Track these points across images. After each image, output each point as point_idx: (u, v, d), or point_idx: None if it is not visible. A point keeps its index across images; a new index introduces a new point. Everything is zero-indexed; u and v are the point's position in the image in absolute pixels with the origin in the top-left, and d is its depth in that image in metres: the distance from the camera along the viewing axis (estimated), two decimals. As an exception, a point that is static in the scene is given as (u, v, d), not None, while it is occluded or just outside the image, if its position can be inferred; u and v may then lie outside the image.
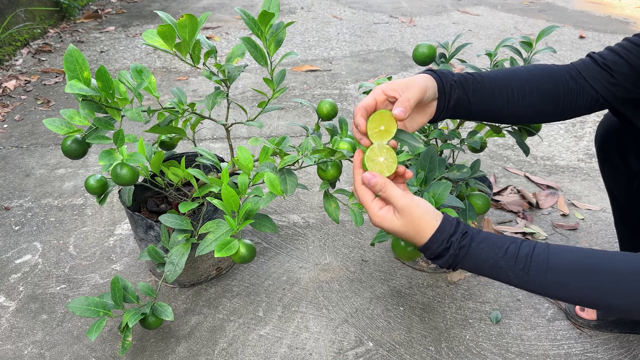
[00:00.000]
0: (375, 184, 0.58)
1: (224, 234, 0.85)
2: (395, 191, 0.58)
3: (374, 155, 0.60)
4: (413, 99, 0.60)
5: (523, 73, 0.71)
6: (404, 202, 0.57)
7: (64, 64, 0.78)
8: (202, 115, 0.99)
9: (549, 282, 0.54)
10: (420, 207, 0.58)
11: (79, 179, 1.57)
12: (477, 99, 0.69)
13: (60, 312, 1.09)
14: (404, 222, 0.58)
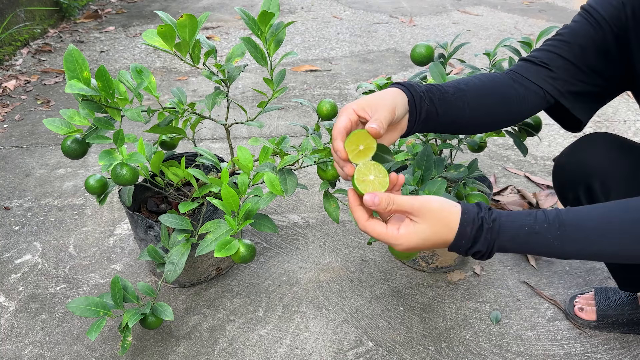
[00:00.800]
0: (379, 202, 0.54)
1: (223, 234, 0.85)
2: (403, 198, 0.55)
3: (362, 175, 0.57)
4: (386, 120, 0.58)
5: (475, 81, 0.73)
6: (418, 203, 0.55)
7: (64, 63, 0.78)
8: (202, 115, 0.99)
9: (587, 233, 0.53)
10: (434, 200, 0.55)
11: (79, 179, 1.57)
12: (444, 110, 0.68)
13: (60, 312, 1.09)
14: (429, 222, 0.54)
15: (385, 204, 0.54)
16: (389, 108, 0.59)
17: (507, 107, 0.74)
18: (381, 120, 0.57)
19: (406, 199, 0.55)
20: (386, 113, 0.58)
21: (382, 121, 0.57)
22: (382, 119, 0.57)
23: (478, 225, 0.54)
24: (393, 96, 0.62)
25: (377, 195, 0.54)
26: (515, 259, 1.24)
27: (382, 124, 0.57)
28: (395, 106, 0.60)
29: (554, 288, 1.15)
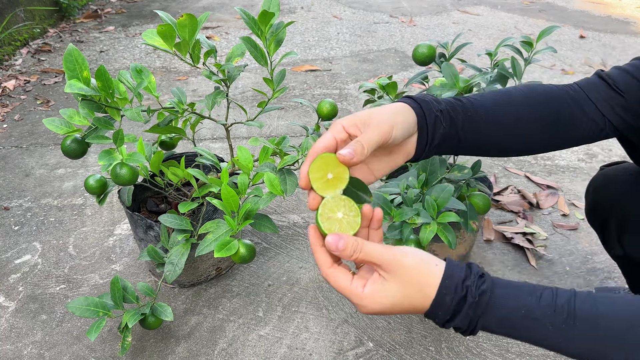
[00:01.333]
0: (344, 247, 0.43)
1: (223, 234, 0.84)
2: (373, 247, 0.44)
3: (329, 212, 0.46)
4: (370, 143, 0.46)
5: (517, 98, 0.59)
6: (389, 255, 0.44)
7: (64, 63, 0.78)
8: (202, 115, 0.99)
9: (601, 334, 0.41)
10: (409, 254, 0.45)
11: (79, 179, 1.57)
12: (468, 134, 0.56)
13: (59, 312, 1.09)
14: (401, 282, 0.44)
15: (351, 251, 0.44)
16: (381, 128, 0.48)
17: (554, 134, 0.60)
18: (362, 144, 0.45)
19: (376, 248, 0.44)
20: (374, 134, 0.47)
21: (364, 145, 0.46)
22: (365, 142, 0.46)
23: (461, 295, 0.43)
24: (394, 113, 0.50)
25: (342, 239, 0.44)
26: (515, 259, 1.24)
27: (359, 149, 0.45)
28: (391, 126, 0.49)
29: (554, 288, 1.14)
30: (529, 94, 0.60)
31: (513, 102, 0.58)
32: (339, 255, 0.45)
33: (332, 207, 0.46)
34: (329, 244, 0.44)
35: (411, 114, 0.52)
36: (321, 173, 0.46)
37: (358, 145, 0.45)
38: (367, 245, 0.45)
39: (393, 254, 0.44)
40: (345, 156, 0.44)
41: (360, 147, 0.45)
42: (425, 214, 0.84)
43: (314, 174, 0.46)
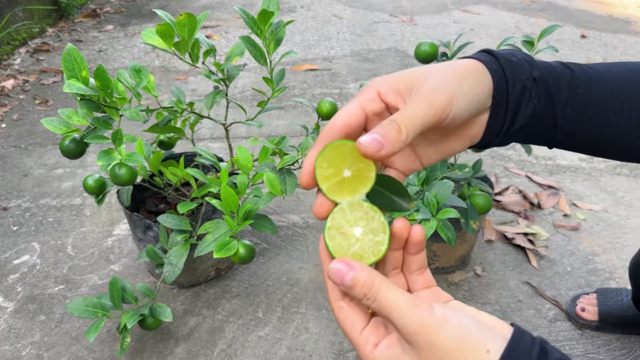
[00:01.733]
0: (353, 284, 0.30)
1: (223, 234, 0.84)
2: (395, 296, 0.30)
3: (341, 225, 0.32)
4: (413, 124, 0.30)
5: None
6: (417, 322, 0.29)
7: (62, 63, 0.77)
8: (201, 114, 0.98)
9: None
10: (449, 328, 0.29)
11: (77, 179, 1.56)
12: (572, 119, 0.38)
13: (58, 312, 1.09)
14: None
15: (361, 293, 0.30)
16: (434, 101, 0.31)
17: None
18: (398, 127, 0.30)
19: (398, 303, 0.29)
20: (422, 110, 0.31)
21: (402, 128, 0.30)
22: (405, 122, 0.30)
23: None
24: (457, 76, 0.33)
25: (351, 270, 0.30)
26: (516, 259, 1.23)
27: (393, 135, 0.30)
28: (451, 98, 0.32)
29: (555, 289, 1.14)
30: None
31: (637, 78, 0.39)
32: (343, 293, 0.32)
33: (348, 219, 0.32)
34: (331, 275, 0.31)
35: (485, 79, 0.34)
36: (334, 168, 0.32)
37: (392, 128, 0.30)
38: (386, 291, 0.30)
39: (423, 321, 0.29)
40: (368, 148, 0.29)
41: (396, 131, 0.29)
42: (425, 210, 0.83)
43: (324, 169, 0.32)
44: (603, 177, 1.56)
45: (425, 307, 0.29)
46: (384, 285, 0.30)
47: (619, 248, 1.27)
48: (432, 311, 0.29)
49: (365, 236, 0.32)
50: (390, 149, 0.30)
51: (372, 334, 0.32)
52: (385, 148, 0.29)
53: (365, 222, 0.32)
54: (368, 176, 0.32)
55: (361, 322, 0.32)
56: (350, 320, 0.32)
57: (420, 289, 0.36)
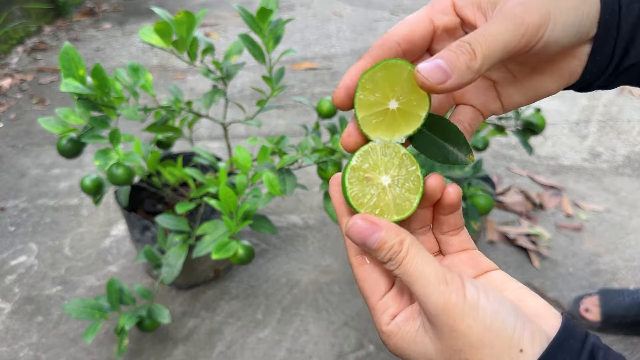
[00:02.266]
0: (378, 245, 0.26)
1: (221, 235, 0.83)
2: (424, 268, 0.25)
3: (367, 169, 0.27)
4: (494, 48, 0.24)
5: None
6: (442, 302, 0.25)
7: (60, 62, 0.76)
8: (200, 114, 0.97)
9: None
10: (480, 317, 0.24)
11: (75, 179, 1.55)
12: None
13: (56, 314, 1.08)
14: (445, 351, 0.26)
15: (386, 256, 0.26)
16: (522, 20, 0.25)
17: None
18: (472, 50, 0.24)
19: (427, 274, 0.25)
20: (505, 30, 0.25)
21: (476, 52, 0.24)
22: (483, 44, 0.24)
23: None
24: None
25: (377, 231, 0.26)
26: (518, 260, 1.22)
27: (464, 62, 0.24)
28: (547, 15, 0.25)
29: (557, 290, 1.13)
30: None
31: None
32: (362, 251, 0.28)
33: (377, 163, 0.27)
34: (352, 233, 0.26)
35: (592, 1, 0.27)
36: (380, 94, 0.26)
37: (464, 52, 0.24)
38: (414, 258, 0.26)
39: (449, 301, 0.24)
40: (428, 77, 0.23)
41: (468, 55, 0.24)
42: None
43: (367, 91, 0.26)
44: (606, 177, 1.55)
45: (456, 284, 0.25)
46: (413, 250, 0.26)
47: (622, 249, 1.26)
48: (463, 291, 0.25)
49: (393, 189, 0.27)
50: (457, 79, 0.23)
51: (393, 302, 0.28)
52: (451, 78, 0.23)
53: (397, 172, 0.27)
54: (416, 115, 0.26)
55: (384, 285, 0.28)
56: (371, 281, 0.28)
57: (454, 251, 0.30)
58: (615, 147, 1.73)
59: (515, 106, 0.31)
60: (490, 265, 0.30)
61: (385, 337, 0.28)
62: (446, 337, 0.25)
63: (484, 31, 0.25)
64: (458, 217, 0.30)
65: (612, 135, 1.78)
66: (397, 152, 0.27)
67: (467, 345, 0.24)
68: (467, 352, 0.24)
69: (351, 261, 0.29)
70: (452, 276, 0.25)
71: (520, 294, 0.27)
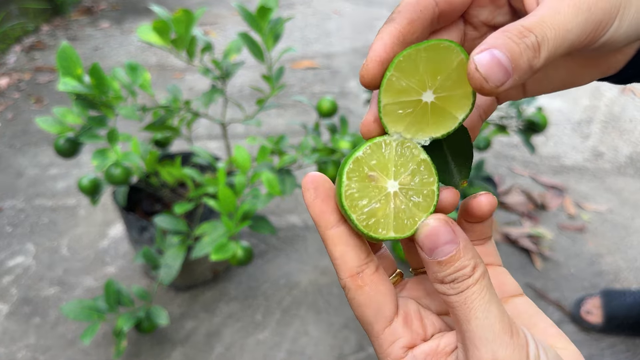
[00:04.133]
0: (449, 259, 0.22)
1: (220, 236, 0.82)
2: (490, 307, 0.22)
3: (372, 167, 0.23)
4: (561, 42, 0.20)
5: None
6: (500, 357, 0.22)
7: (57, 61, 0.75)
8: (198, 113, 0.96)
9: None
10: None
11: (72, 179, 1.54)
12: None
13: (53, 315, 1.07)
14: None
15: (449, 279, 0.22)
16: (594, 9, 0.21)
17: None
18: (536, 44, 0.20)
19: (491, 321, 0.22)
20: (573, 21, 0.21)
21: (543, 46, 0.20)
22: (546, 36, 0.20)
23: None
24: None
25: (454, 242, 0.22)
26: (520, 261, 1.21)
27: (529, 59, 0.20)
28: (617, 8, 0.22)
29: (559, 291, 1.12)
30: None
31: None
32: (425, 261, 0.22)
33: (387, 162, 0.22)
34: (424, 233, 0.22)
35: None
36: (415, 81, 0.22)
37: (529, 44, 0.19)
38: (483, 292, 0.22)
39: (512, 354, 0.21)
40: (488, 75, 0.19)
41: (533, 52, 0.20)
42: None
43: (400, 74, 0.21)
44: (608, 178, 1.54)
45: (521, 340, 0.21)
46: (484, 282, 0.21)
47: (624, 249, 1.25)
48: (526, 350, 0.21)
49: (399, 199, 0.22)
50: (515, 81, 0.19)
51: (404, 331, 0.23)
52: (511, 79, 0.19)
53: (409, 180, 0.22)
54: (452, 116, 0.21)
55: (389, 309, 0.23)
56: (375, 305, 0.23)
57: None
58: (618, 147, 1.72)
59: (537, 94, 0.28)
60: (516, 289, 0.27)
61: None
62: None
63: (553, 20, 0.20)
64: (487, 227, 0.26)
65: (615, 135, 1.77)
66: (415, 156, 0.22)
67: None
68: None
69: (345, 283, 0.23)
70: (517, 329, 0.22)
71: (550, 339, 0.25)
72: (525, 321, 0.25)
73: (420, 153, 0.22)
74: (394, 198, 0.22)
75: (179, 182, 1.04)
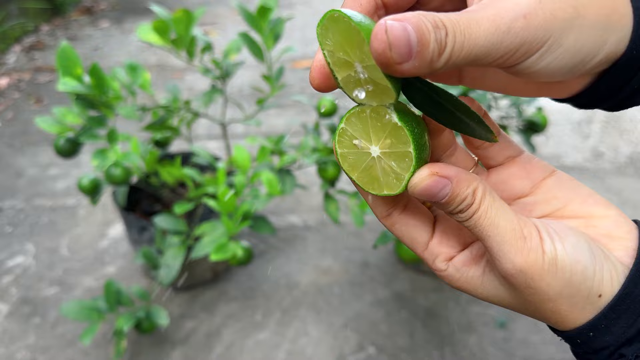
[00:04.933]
0: (449, 200, 0.23)
1: (220, 236, 0.82)
2: (500, 221, 0.23)
3: (353, 136, 0.25)
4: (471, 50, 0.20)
5: None
6: (519, 264, 0.23)
7: (57, 61, 0.75)
8: (198, 113, 0.96)
9: None
10: (563, 273, 0.23)
11: (72, 179, 1.54)
12: None
13: (53, 315, 1.07)
14: (520, 296, 0.24)
15: (457, 210, 0.23)
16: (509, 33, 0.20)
17: None
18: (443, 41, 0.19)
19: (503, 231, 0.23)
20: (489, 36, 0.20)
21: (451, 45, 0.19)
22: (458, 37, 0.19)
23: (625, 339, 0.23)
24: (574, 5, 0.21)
25: (447, 184, 0.22)
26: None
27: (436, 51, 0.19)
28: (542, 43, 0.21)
29: (559, 290, 1.12)
30: None
31: None
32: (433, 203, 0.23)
33: (366, 129, 0.24)
34: (418, 192, 0.23)
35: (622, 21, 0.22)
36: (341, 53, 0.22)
37: (438, 39, 0.19)
38: (489, 209, 0.23)
39: (527, 262, 0.22)
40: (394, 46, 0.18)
41: (438, 47, 0.19)
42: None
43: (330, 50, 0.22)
44: (608, 178, 1.54)
45: (534, 240, 0.23)
46: (487, 201, 0.23)
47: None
48: (541, 246, 0.23)
49: (383, 161, 0.24)
50: (413, 68, 0.19)
51: (441, 248, 0.26)
52: (408, 62, 0.18)
53: (388, 144, 0.23)
54: (386, 87, 0.22)
55: (423, 236, 0.26)
56: (408, 236, 0.26)
57: (498, 163, 0.27)
58: (618, 146, 1.72)
59: (475, 87, 0.29)
60: (544, 170, 0.26)
61: (447, 281, 0.26)
62: (520, 291, 0.24)
63: (468, 28, 0.19)
64: (490, 125, 0.24)
65: (615, 134, 1.77)
66: (388, 121, 0.23)
67: (545, 300, 0.23)
68: (544, 304, 0.24)
69: (382, 222, 0.27)
70: (530, 230, 0.23)
71: (587, 209, 0.25)
72: (561, 200, 0.26)
73: (393, 118, 0.23)
74: (378, 161, 0.24)
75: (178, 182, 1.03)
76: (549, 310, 0.24)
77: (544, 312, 0.24)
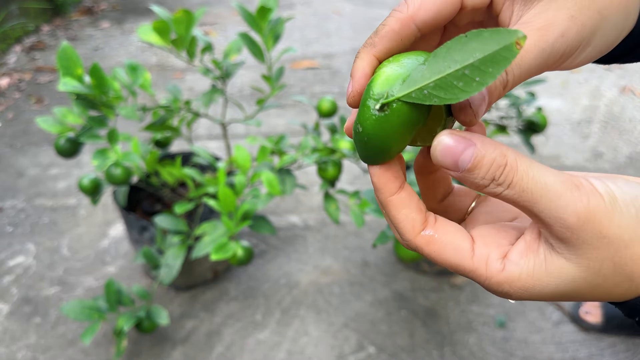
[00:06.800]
0: (474, 164, 0.21)
1: (220, 235, 0.82)
2: (545, 178, 0.21)
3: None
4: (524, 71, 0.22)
5: None
6: (581, 212, 0.21)
7: (58, 61, 0.75)
8: (198, 113, 0.96)
9: None
10: (628, 210, 0.21)
11: (72, 179, 1.54)
12: None
13: (54, 315, 1.07)
14: (590, 265, 0.22)
15: (489, 178, 0.21)
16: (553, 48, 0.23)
17: None
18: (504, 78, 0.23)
19: (552, 186, 0.21)
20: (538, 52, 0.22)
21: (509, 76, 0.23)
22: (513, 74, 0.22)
23: None
24: None
25: (470, 145, 0.21)
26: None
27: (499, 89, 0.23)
28: (578, 45, 0.23)
29: (559, 290, 1.12)
30: None
31: None
32: (458, 178, 0.22)
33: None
34: (439, 155, 0.21)
35: None
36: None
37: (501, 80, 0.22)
38: (528, 170, 0.21)
39: (589, 208, 0.21)
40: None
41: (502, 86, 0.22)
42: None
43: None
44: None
45: (587, 186, 0.21)
46: (523, 162, 0.21)
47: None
48: (596, 190, 0.21)
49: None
50: (490, 104, 0.22)
51: (488, 249, 0.23)
52: (486, 103, 0.22)
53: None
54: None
55: (465, 241, 0.23)
56: (452, 246, 0.23)
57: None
58: (618, 147, 1.72)
59: None
60: None
61: (506, 288, 0.23)
62: (593, 248, 0.21)
63: (522, 59, 0.22)
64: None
65: (614, 135, 1.77)
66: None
67: (622, 247, 0.21)
68: (621, 254, 0.21)
69: (415, 244, 0.24)
70: (578, 179, 0.21)
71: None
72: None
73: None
74: None
75: (179, 182, 1.04)
76: (629, 259, 0.21)
77: (624, 266, 0.21)
